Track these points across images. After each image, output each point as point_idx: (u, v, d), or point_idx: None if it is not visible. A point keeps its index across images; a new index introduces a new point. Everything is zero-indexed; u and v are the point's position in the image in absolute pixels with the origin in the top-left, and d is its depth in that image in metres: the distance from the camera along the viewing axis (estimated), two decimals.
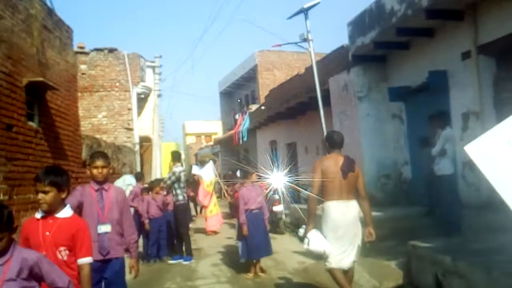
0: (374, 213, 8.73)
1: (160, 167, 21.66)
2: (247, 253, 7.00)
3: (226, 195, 9.39)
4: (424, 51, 9.17)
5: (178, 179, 8.75)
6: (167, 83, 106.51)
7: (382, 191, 10.48)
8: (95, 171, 3.92)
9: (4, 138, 6.84)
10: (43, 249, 2.93)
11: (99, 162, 3.93)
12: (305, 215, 5.14)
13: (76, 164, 9.95)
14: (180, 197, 8.76)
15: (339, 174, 4.75)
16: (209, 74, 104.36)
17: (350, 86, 10.86)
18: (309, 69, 14.08)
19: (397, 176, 10.47)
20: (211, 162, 10.90)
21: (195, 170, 16.03)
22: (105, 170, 3.94)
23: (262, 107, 18.46)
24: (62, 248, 2.99)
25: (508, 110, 7.53)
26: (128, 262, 4.12)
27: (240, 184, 7.60)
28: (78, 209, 3.86)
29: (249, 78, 28.03)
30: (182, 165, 9.20)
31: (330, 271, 4.81)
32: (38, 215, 3.05)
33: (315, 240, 4.73)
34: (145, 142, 20.93)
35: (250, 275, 6.96)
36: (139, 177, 11.06)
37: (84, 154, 10.45)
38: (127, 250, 4.06)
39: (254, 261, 7.00)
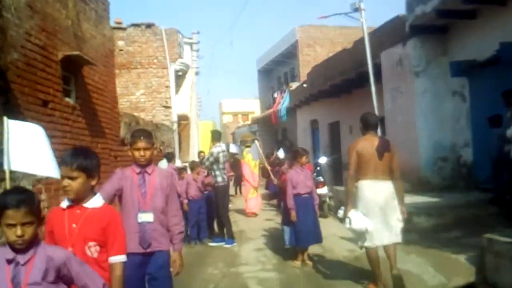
0: (431, 199, 8.11)
1: (197, 146, 21.29)
2: (295, 240, 6.40)
3: (273, 176, 8.77)
4: (494, 21, 8.18)
5: (216, 160, 8.29)
6: (205, 60, 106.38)
7: (438, 175, 9.65)
8: (136, 153, 3.33)
9: (40, 115, 6.44)
10: (69, 243, 2.48)
11: (142, 143, 3.32)
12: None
13: (114, 142, 9.56)
14: (219, 179, 8.30)
15: (375, 155, 4.84)
16: (248, 51, 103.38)
17: (406, 60, 9.96)
18: (357, 43, 13.18)
19: (456, 159, 9.59)
20: (256, 142, 10.26)
21: (233, 149, 15.47)
22: (148, 153, 3.33)
23: (304, 85, 17.67)
24: (91, 243, 2.52)
25: None
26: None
27: (288, 166, 6.96)
28: (118, 196, 3.37)
29: (289, 55, 27.11)
30: (221, 145, 8.65)
31: (366, 251, 4.90)
32: (64, 204, 2.58)
33: (356, 219, 4.81)
34: (182, 120, 20.53)
35: (298, 263, 6.39)
36: (169, 157, 10.73)
37: (123, 132, 10.05)
38: (170, 241, 3.49)
39: (302, 248, 6.42)
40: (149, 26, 16.52)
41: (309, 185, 6.41)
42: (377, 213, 4.80)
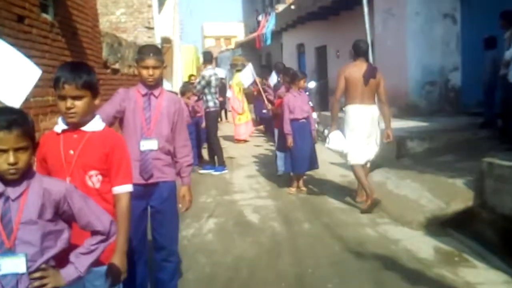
0: (422, 124, 8.15)
1: (181, 71, 20.86)
2: (291, 166, 6.39)
3: (266, 102, 8.51)
4: None
5: (208, 84, 8.04)
6: None
7: (426, 99, 9.64)
8: (144, 72, 2.99)
9: (16, 32, 6.03)
10: (66, 173, 2.20)
11: (151, 61, 2.96)
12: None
13: (96, 64, 9.21)
14: (211, 104, 8.11)
15: (361, 81, 5.19)
16: None
17: None
18: None
19: (444, 83, 9.55)
20: (250, 65, 9.78)
21: (220, 73, 15.07)
22: (157, 72, 2.99)
23: (292, 7, 17.05)
24: (92, 172, 2.25)
25: None
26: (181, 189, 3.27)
27: (285, 89, 6.78)
28: (117, 119, 3.05)
29: None
30: (213, 68, 8.36)
31: (352, 167, 5.47)
32: (57, 128, 2.25)
33: (335, 140, 5.39)
34: (165, 43, 19.89)
35: (293, 189, 6.43)
36: None
37: (105, 54, 9.66)
38: (178, 174, 3.21)
39: (297, 174, 6.45)
40: None
41: (306, 109, 6.32)
42: (362, 135, 5.30)
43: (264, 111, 9.87)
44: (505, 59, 5.37)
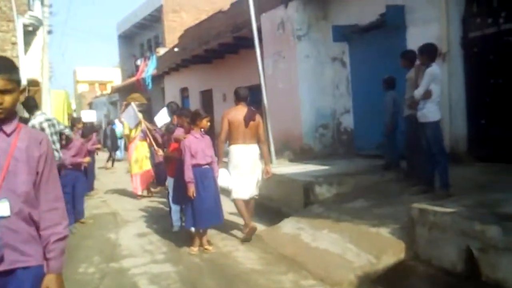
0: (321, 167, 7.86)
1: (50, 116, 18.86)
2: (192, 221, 5.47)
3: (155, 147, 7.45)
4: None
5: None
6: (59, 18, 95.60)
7: (320, 142, 9.55)
8: None
9: None
10: None
11: None
12: None
13: None
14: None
15: (243, 123, 5.75)
16: (106, 14, 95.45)
17: (288, 23, 9.55)
18: (235, 5, 12.50)
19: (336, 125, 9.57)
20: (132, 104, 8.54)
21: (86, 116, 13.53)
22: (8, 99, 1.95)
23: (176, 49, 16.49)
24: None
25: (477, 51, 6.95)
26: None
27: (185, 130, 5.93)
28: None
29: (153, 19, 25.40)
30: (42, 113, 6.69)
31: (234, 201, 5.89)
32: None
33: (222, 177, 5.74)
34: (32, 86, 17.91)
35: (195, 249, 5.44)
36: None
37: None
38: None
39: (201, 230, 5.53)
40: None
41: (209, 154, 5.55)
42: (244, 172, 5.80)
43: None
44: (414, 98, 5.24)
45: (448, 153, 5.45)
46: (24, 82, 14.90)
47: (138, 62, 25.73)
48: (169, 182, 6.47)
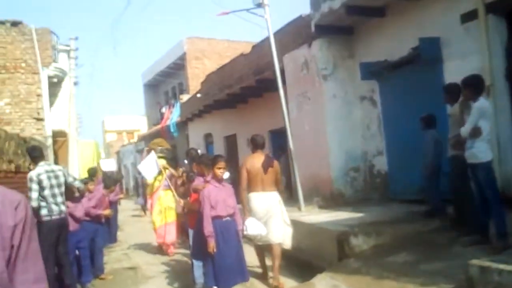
0: (355, 215, 7.13)
1: (78, 167, 18.79)
2: (214, 279, 4.86)
3: (177, 197, 6.94)
4: (407, 18, 7.64)
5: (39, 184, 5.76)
6: (85, 69, 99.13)
7: (351, 187, 8.88)
8: None
9: None
10: None
11: None
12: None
13: None
14: (44, 211, 5.71)
15: (261, 170, 5.71)
16: (132, 64, 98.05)
17: (312, 63, 9.13)
18: (256, 47, 12.26)
19: (368, 168, 8.91)
20: (152, 152, 7.97)
21: (105, 165, 13.05)
22: None
23: (198, 95, 16.31)
24: None
25: None
26: None
27: (204, 179, 5.45)
28: None
29: (177, 67, 25.65)
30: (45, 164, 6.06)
31: (255, 247, 5.99)
32: None
33: (252, 226, 5.46)
34: (59, 137, 17.95)
35: None
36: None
37: None
38: None
39: None
40: (15, 24, 13.91)
41: (231, 204, 5.01)
42: (263, 218, 5.64)
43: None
44: (460, 137, 4.62)
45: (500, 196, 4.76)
46: (49, 132, 14.90)
47: (163, 109, 25.83)
48: (190, 234, 5.93)
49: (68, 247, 6.03)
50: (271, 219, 5.71)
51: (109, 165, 11.86)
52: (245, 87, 12.15)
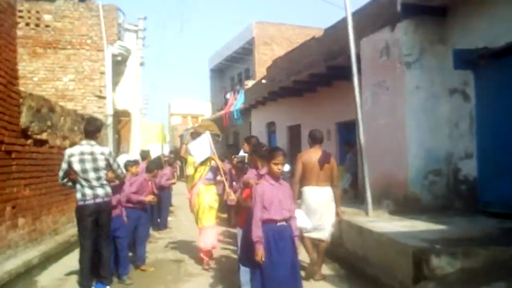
0: (433, 226, 6.04)
1: (141, 147, 18.79)
2: None
3: (227, 189, 6.09)
4: None
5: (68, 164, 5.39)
6: (152, 50, 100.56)
7: (430, 192, 7.72)
8: None
9: None
10: None
11: None
12: None
13: (9, 132, 6.94)
14: (79, 195, 5.40)
15: (317, 165, 5.88)
16: (199, 50, 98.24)
17: (395, 48, 8.01)
18: (329, 31, 11.23)
19: (452, 173, 7.71)
20: (207, 133, 6.81)
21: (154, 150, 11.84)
22: None
23: (263, 81, 15.55)
24: None
25: None
26: None
27: (257, 173, 4.60)
28: None
29: (244, 53, 25.06)
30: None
31: (302, 239, 5.81)
32: None
33: (299, 218, 5.00)
34: (123, 116, 17.93)
35: None
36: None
37: (25, 119, 7.42)
38: None
39: None
40: (83, 0, 13.86)
41: (288, 207, 4.13)
42: (316, 213, 5.81)
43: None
44: None
45: None
46: (110, 111, 14.73)
47: (228, 95, 25.37)
48: (238, 233, 5.14)
49: (109, 235, 5.54)
50: (324, 215, 5.88)
51: (157, 150, 11.01)
52: (315, 74, 11.19)
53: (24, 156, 7.38)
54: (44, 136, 8.19)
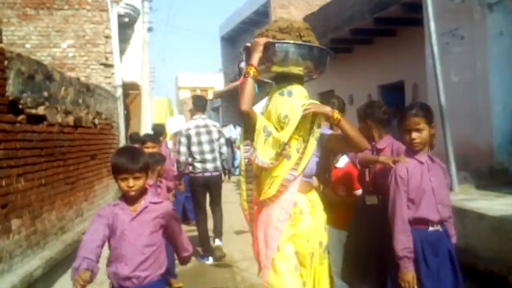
0: None
1: (151, 123, 17.33)
2: None
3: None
4: None
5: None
6: (160, 15, 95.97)
7: None
8: None
9: None
10: None
11: None
12: None
13: None
14: (190, 168, 6.02)
15: None
16: (209, 14, 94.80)
17: None
18: None
19: None
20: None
21: (173, 124, 9.63)
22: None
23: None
24: None
25: None
26: None
27: (387, 148, 3.09)
28: None
29: (259, 17, 23.30)
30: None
31: None
32: None
33: None
34: (131, 89, 16.44)
35: None
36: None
37: (13, 89, 5.65)
38: None
39: None
40: None
41: (446, 201, 2.63)
42: None
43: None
44: None
45: None
46: (119, 81, 13.24)
47: (242, 64, 23.77)
48: (333, 237, 3.35)
49: (219, 202, 6.08)
50: None
51: (178, 124, 8.52)
52: (356, 29, 9.61)
53: (15, 137, 5.32)
54: (40, 110, 6.32)
